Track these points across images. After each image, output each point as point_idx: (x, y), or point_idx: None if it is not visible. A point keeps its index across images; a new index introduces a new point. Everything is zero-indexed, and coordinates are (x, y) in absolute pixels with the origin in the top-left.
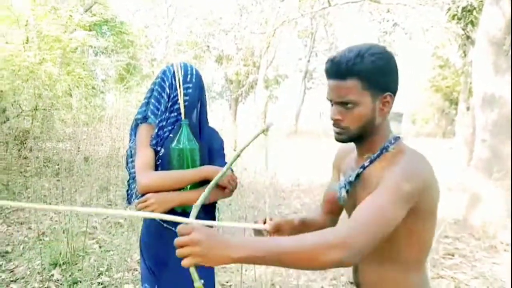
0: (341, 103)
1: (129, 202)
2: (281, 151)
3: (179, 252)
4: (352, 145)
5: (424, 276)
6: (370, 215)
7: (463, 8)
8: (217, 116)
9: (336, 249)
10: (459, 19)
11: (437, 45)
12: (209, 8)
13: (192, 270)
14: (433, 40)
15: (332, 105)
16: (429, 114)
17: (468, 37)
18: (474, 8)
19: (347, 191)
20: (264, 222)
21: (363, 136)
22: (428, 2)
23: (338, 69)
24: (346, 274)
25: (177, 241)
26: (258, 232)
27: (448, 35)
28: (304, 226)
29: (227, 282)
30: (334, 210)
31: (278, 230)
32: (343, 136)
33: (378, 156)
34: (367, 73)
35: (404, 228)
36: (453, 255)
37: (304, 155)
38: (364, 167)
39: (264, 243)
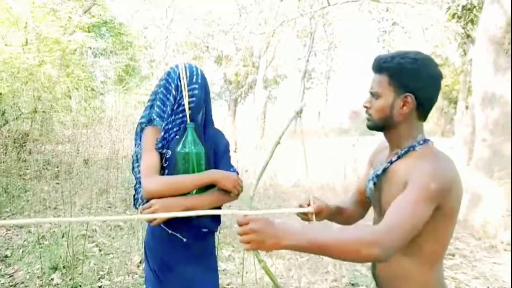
0: (371, 93)
1: (135, 206)
2: (281, 151)
3: (241, 239)
4: (387, 143)
5: (441, 273)
6: (401, 215)
7: (463, 6)
8: (216, 117)
9: (373, 247)
10: (459, 17)
11: (436, 44)
12: (208, 9)
13: (255, 253)
14: (432, 39)
15: None
16: None
17: (468, 36)
18: (474, 7)
19: (374, 184)
20: (308, 204)
21: (385, 128)
22: (427, 1)
23: (373, 64)
24: (347, 276)
25: (239, 230)
26: (303, 214)
27: (447, 34)
28: (338, 213)
29: (228, 285)
30: (364, 202)
31: (318, 213)
32: (369, 123)
33: (405, 153)
34: (393, 71)
35: (426, 225)
36: (453, 255)
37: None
38: (391, 162)
39: (310, 234)
